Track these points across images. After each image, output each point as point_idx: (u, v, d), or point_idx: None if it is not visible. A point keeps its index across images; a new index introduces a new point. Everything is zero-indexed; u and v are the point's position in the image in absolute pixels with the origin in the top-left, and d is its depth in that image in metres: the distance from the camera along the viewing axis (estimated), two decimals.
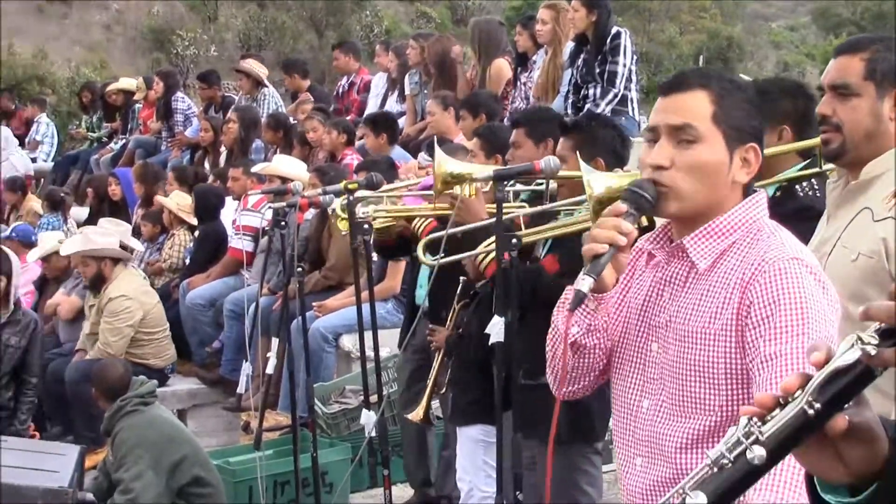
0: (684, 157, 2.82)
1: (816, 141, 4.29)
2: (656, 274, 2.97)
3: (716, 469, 1.67)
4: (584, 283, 2.72)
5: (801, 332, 2.69)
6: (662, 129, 2.86)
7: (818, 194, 4.34)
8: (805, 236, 3.30)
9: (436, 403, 6.74)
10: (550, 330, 3.10)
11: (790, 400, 1.66)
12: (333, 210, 5.91)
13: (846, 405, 1.68)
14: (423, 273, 6.77)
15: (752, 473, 1.66)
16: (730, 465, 1.66)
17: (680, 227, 2.92)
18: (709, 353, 2.79)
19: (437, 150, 5.19)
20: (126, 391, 7.13)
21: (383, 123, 10.07)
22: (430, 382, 5.92)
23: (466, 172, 5.00)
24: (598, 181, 3.74)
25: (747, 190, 2.91)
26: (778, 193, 4.36)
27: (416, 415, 5.93)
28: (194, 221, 11.10)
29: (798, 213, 4.13)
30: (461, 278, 5.63)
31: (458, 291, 5.70)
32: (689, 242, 2.85)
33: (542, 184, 5.06)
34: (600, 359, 3.05)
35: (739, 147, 2.85)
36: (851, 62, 3.63)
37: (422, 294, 6.85)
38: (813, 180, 4.41)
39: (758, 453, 1.64)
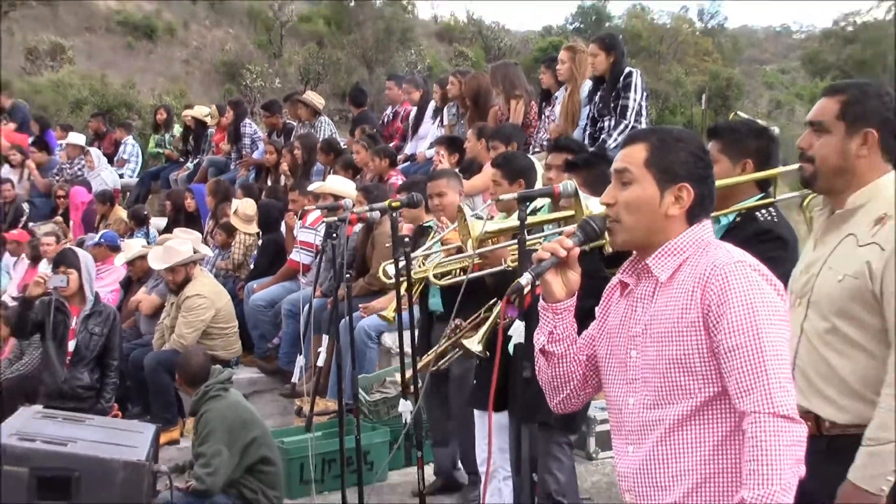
0: (623, 196, 3.08)
1: (770, 173, 4.48)
2: (628, 299, 3.14)
3: None
4: (523, 278, 3.06)
5: (752, 323, 2.86)
6: (612, 174, 3.15)
7: (776, 220, 4.41)
8: (765, 255, 3.33)
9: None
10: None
11: None
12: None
13: None
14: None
15: None
16: None
17: (639, 256, 3.13)
18: (683, 347, 2.94)
19: (468, 216, 5.20)
20: (207, 378, 7.19)
21: (459, 146, 10.03)
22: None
23: (498, 229, 5.08)
24: (594, 204, 3.84)
25: (693, 218, 3.07)
26: (738, 219, 4.42)
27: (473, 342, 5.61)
28: (249, 229, 11.20)
29: (758, 236, 4.23)
30: None
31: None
32: (651, 261, 3.06)
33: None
34: (573, 372, 3.25)
35: (671, 186, 3.04)
36: (829, 103, 3.68)
37: (434, 302, 6.89)
38: (772, 208, 4.44)
39: None
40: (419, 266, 6.23)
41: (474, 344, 5.33)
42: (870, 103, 3.64)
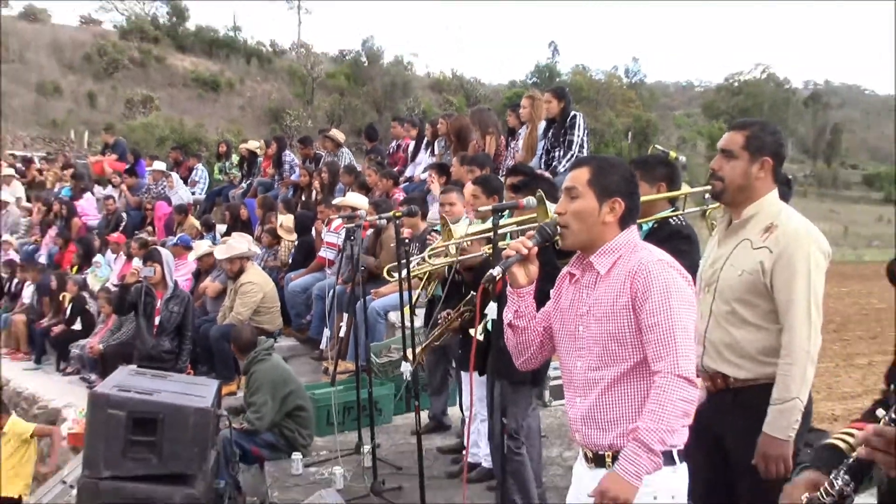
0: (571, 207, 3.04)
1: (679, 192, 4.52)
2: (576, 286, 3.10)
3: None
4: (494, 271, 3.04)
5: (667, 307, 2.85)
6: (563, 190, 3.10)
7: (684, 224, 4.44)
8: (677, 248, 3.50)
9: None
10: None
11: None
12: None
13: None
14: None
15: None
16: None
17: (584, 254, 3.07)
18: (617, 325, 2.93)
19: (453, 226, 5.25)
20: (254, 347, 7.23)
21: (446, 170, 9.93)
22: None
23: (471, 233, 5.08)
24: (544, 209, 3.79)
25: (624, 224, 3.04)
26: (655, 226, 4.43)
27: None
28: (291, 237, 11.17)
29: (671, 235, 4.25)
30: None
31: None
32: (594, 258, 3.04)
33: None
34: (533, 339, 3.21)
35: (607, 200, 3.02)
36: (737, 136, 3.68)
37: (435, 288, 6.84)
38: (680, 216, 4.48)
39: None
40: (420, 264, 6.22)
41: (477, 333, 5.32)
42: (767, 138, 3.65)
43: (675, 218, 4.45)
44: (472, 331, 5.45)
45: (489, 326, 4.02)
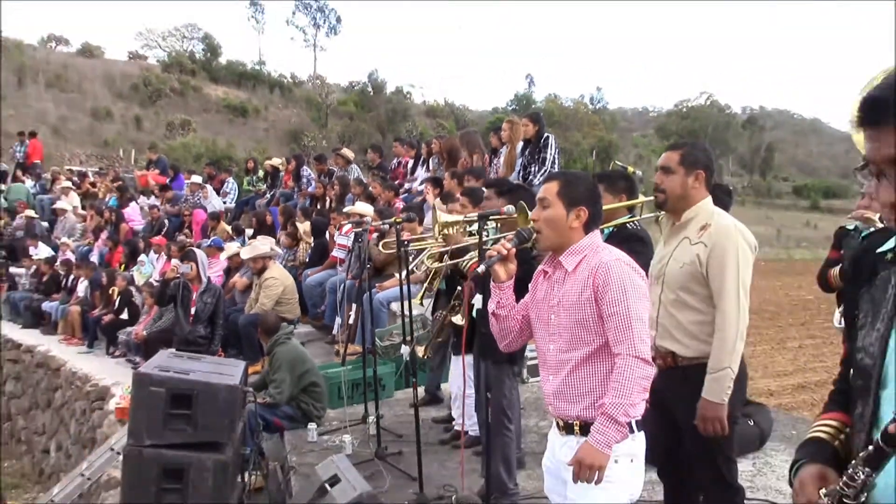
0: (543, 215, 3.04)
1: (635, 202, 4.55)
2: (548, 281, 3.09)
3: None
4: (479, 268, 3.08)
5: (623, 299, 2.84)
6: (537, 200, 3.09)
7: (639, 228, 4.46)
8: (633, 249, 3.48)
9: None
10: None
11: None
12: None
13: None
14: None
15: None
16: None
17: (555, 254, 3.06)
18: (583, 313, 2.92)
19: (438, 212, 5.23)
20: (278, 331, 7.19)
21: (440, 183, 9.87)
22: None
23: (452, 220, 5.07)
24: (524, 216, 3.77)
25: (588, 229, 3.05)
26: (614, 230, 4.43)
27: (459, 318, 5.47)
28: (309, 241, 11.13)
29: (629, 237, 4.26)
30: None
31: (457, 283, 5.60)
32: (563, 258, 3.04)
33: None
34: (513, 326, 3.20)
35: (573, 209, 3.01)
36: (673, 154, 3.72)
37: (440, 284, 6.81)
38: (637, 222, 4.49)
39: None
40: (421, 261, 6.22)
41: (459, 319, 5.30)
42: (699, 154, 3.70)
43: (632, 223, 4.46)
44: (455, 318, 5.43)
45: (475, 314, 4.00)
